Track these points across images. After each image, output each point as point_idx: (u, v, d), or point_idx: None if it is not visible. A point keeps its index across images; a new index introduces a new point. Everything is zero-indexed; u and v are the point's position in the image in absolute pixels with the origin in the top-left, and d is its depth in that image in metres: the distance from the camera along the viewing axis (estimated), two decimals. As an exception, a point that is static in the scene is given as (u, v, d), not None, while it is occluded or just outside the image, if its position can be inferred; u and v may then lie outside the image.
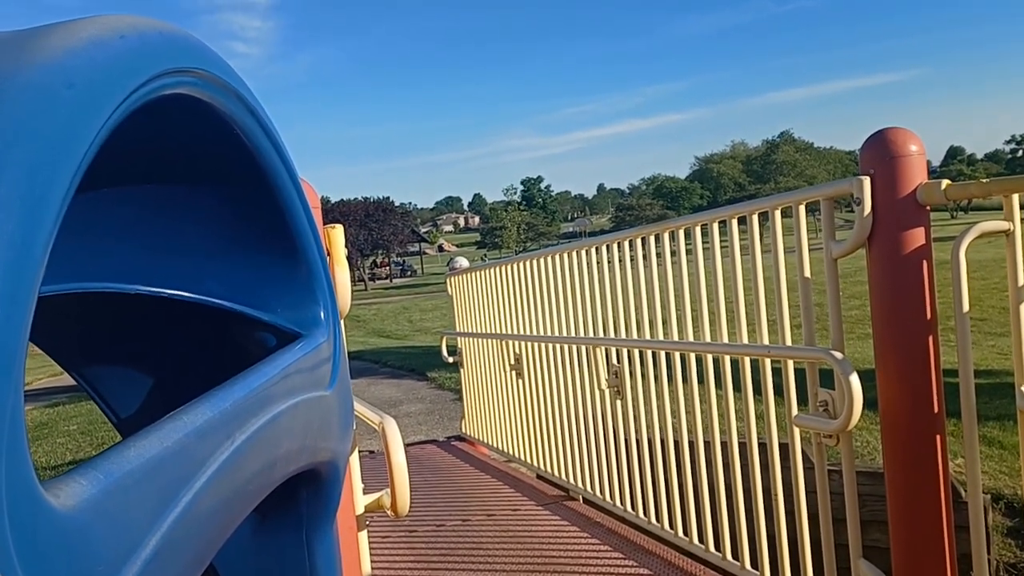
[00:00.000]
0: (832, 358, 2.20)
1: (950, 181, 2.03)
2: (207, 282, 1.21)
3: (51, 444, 9.06)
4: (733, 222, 2.75)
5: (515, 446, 5.20)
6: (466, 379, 6.13)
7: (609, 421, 3.83)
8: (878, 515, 2.39)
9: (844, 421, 2.14)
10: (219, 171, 1.07)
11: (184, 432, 0.70)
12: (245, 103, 0.97)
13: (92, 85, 0.57)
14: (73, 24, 0.63)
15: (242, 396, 0.87)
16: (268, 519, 1.25)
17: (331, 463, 1.26)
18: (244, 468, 0.85)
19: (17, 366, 0.46)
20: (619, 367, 3.62)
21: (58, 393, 13.43)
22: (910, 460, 2.14)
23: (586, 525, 3.94)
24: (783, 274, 2.49)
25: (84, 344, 1.37)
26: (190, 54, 0.78)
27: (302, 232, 1.19)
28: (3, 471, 0.44)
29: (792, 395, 2.53)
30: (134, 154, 0.98)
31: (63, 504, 0.50)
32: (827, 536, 2.46)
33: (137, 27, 0.69)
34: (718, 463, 3.00)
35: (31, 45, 0.57)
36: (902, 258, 2.09)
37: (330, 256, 1.78)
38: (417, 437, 7.17)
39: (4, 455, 0.44)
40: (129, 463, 0.60)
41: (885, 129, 2.13)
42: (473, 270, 5.73)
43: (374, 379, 11.92)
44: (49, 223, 0.50)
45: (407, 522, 4.25)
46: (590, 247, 3.89)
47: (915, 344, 2.10)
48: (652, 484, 3.52)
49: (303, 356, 1.12)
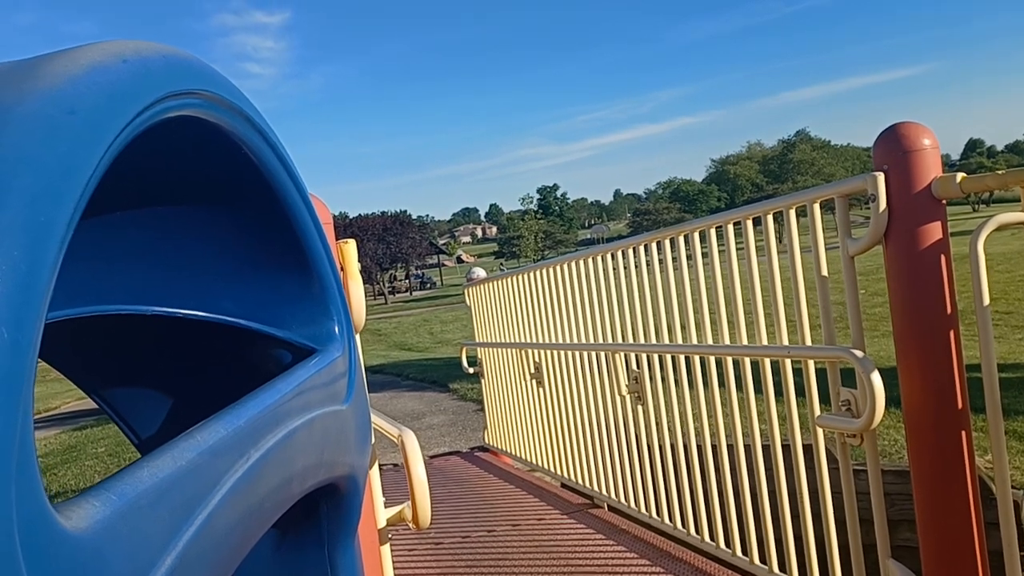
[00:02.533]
0: (852, 356, 2.18)
1: (965, 174, 2.01)
2: (222, 301, 1.22)
3: (80, 467, 9.14)
4: (748, 223, 2.74)
5: (538, 455, 5.19)
6: (487, 389, 6.12)
7: (631, 427, 3.81)
8: (908, 514, 2.35)
9: (867, 420, 2.12)
10: (230, 191, 1.08)
11: (198, 451, 0.71)
12: (252, 122, 0.98)
13: (94, 110, 0.58)
14: (76, 51, 0.64)
15: (256, 413, 0.88)
16: (289, 535, 1.25)
17: (350, 477, 1.26)
18: (260, 485, 0.85)
19: (25, 391, 0.46)
20: (639, 372, 3.60)
21: (85, 416, 13.54)
22: (936, 457, 2.11)
23: (612, 533, 3.92)
24: (800, 274, 2.47)
25: (103, 367, 1.39)
26: (194, 76, 0.79)
27: (314, 248, 1.20)
28: (13, 495, 0.44)
29: (814, 395, 2.51)
30: (145, 177, 0.98)
31: (75, 526, 0.50)
32: (854, 537, 2.43)
33: (140, 51, 0.70)
34: (742, 466, 2.98)
35: (34, 74, 0.57)
36: (919, 253, 2.07)
37: (344, 271, 1.79)
38: (441, 449, 7.17)
39: (14, 480, 0.44)
40: (142, 483, 0.60)
41: (897, 124, 2.11)
42: (490, 280, 5.74)
43: (396, 392, 11.93)
44: (54, 249, 0.51)
45: (433, 534, 4.25)
46: (605, 253, 3.89)
47: (936, 339, 2.08)
48: (677, 489, 3.49)
49: (318, 371, 1.13)
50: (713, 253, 2.97)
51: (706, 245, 3.03)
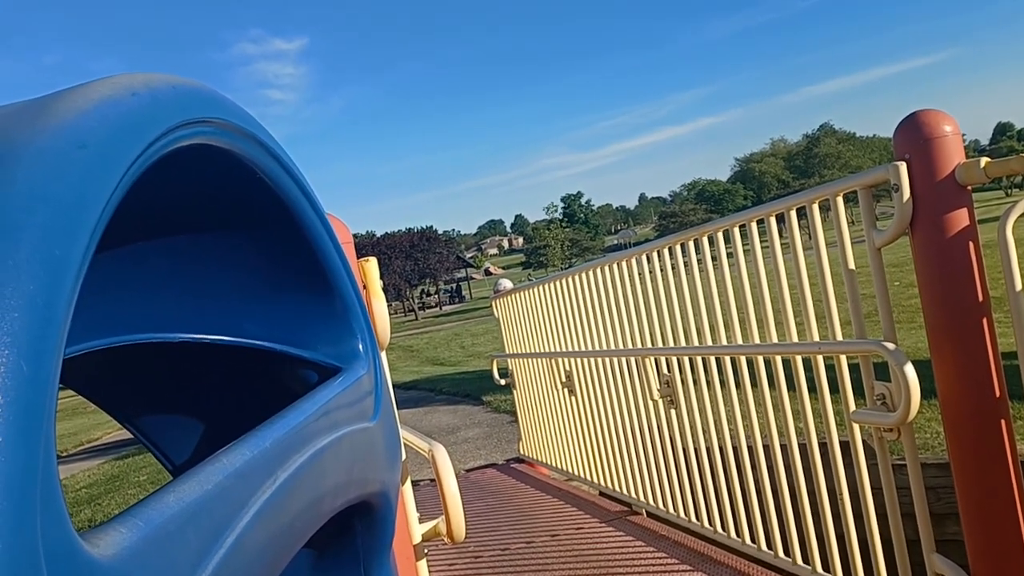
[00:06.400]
0: (884, 349, 2.15)
1: (989, 159, 1.98)
2: (246, 324, 1.23)
3: (123, 496, 9.26)
4: (772, 220, 2.71)
5: (574, 464, 5.16)
6: (520, 400, 6.12)
7: (665, 431, 3.79)
8: (955, 507, 2.31)
9: (903, 413, 2.09)
10: (248, 216, 1.09)
11: (224, 474, 0.71)
12: (265, 147, 0.99)
13: (105, 143, 0.59)
14: (86, 86, 0.66)
15: (283, 434, 0.88)
16: (325, 555, 1.26)
17: (382, 494, 1.26)
18: (289, 505, 0.85)
19: (46, 423, 0.47)
20: (670, 376, 3.58)
21: (127, 445, 13.72)
22: (976, 448, 2.08)
23: (651, 539, 3.89)
24: (827, 268, 2.45)
25: (134, 396, 1.41)
26: (204, 104, 0.80)
27: (334, 268, 1.21)
28: (39, 526, 0.45)
29: (848, 391, 2.47)
30: (165, 206, 1.00)
31: (102, 554, 0.51)
32: (897, 532, 2.39)
33: (149, 83, 0.71)
34: (779, 466, 2.94)
35: (45, 111, 0.59)
36: (947, 241, 2.04)
37: (366, 289, 1.80)
38: (477, 462, 7.17)
39: (39, 510, 0.45)
40: (169, 508, 0.61)
41: (917, 112, 2.08)
42: (517, 291, 5.74)
43: (431, 407, 11.96)
44: (70, 283, 0.52)
45: (472, 548, 4.25)
46: (630, 258, 3.87)
47: (969, 328, 2.04)
48: (715, 492, 3.46)
49: (344, 390, 1.13)
50: (738, 252, 2.94)
51: (731, 245, 3.01)
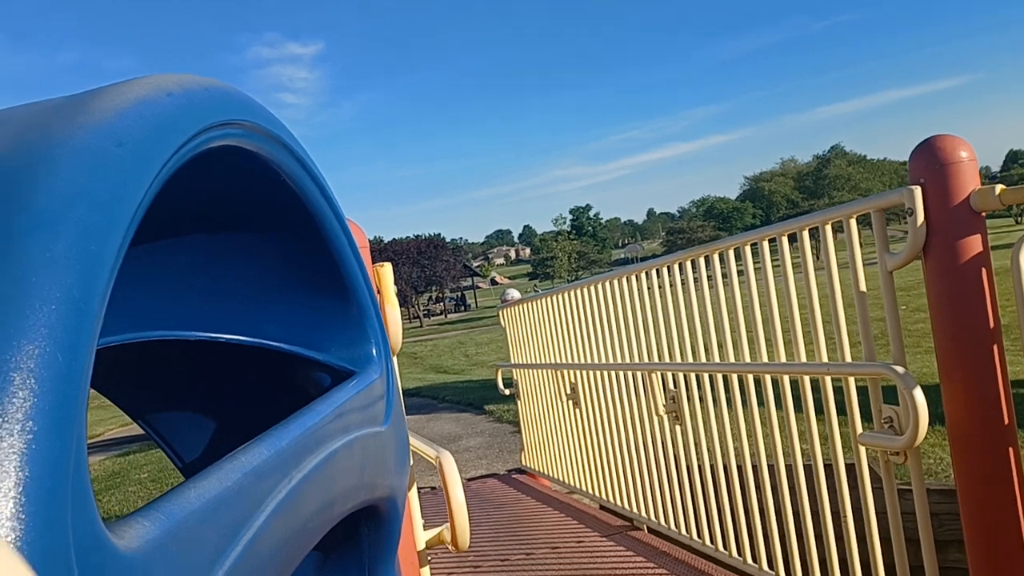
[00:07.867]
0: (893, 372, 2.15)
1: (1005, 186, 1.98)
2: (263, 325, 1.24)
3: (123, 493, 9.26)
4: (783, 239, 2.71)
5: (576, 477, 5.15)
6: (523, 411, 6.11)
7: (669, 447, 3.78)
8: (957, 534, 2.30)
9: (910, 437, 2.08)
10: (269, 218, 1.10)
11: (242, 472, 0.72)
12: (290, 150, 1.00)
13: (141, 142, 0.60)
14: (122, 85, 0.67)
15: (298, 435, 0.89)
16: (330, 557, 1.26)
17: (389, 499, 1.26)
18: (303, 506, 0.86)
19: (79, 415, 0.48)
20: (676, 392, 3.58)
21: (129, 442, 13.74)
22: (982, 474, 2.07)
23: (652, 555, 3.87)
24: (838, 289, 2.45)
25: (147, 392, 1.41)
26: (234, 107, 0.81)
27: (351, 273, 1.22)
28: (69, 517, 0.45)
29: (856, 413, 2.47)
30: (188, 205, 1.01)
31: (127, 546, 0.52)
32: (900, 557, 2.38)
33: (183, 84, 0.72)
34: (783, 486, 2.94)
35: (84, 108, 0.60)
36: (960, 267, 2.04)
37: (380, 294, 1.81)
38: (478, 471, 7.15)
39: (70, 500, 0.46)
40: (190, 504, 0.62)
41: (933, 137, 2.09)
42: (525, 301, 5.74)
43: (433, 415, 11.95)
44: (105, 278, 0.53)
45: (471, 558, 4.24)
46: (639, 272, 3.88)
47: (979, 354, 2.04)
48: (717, 510, 3.45)
49: (357, 393, 1.14)
50: (749, 270, 2.95)
51: (741, 263, 3.02)
